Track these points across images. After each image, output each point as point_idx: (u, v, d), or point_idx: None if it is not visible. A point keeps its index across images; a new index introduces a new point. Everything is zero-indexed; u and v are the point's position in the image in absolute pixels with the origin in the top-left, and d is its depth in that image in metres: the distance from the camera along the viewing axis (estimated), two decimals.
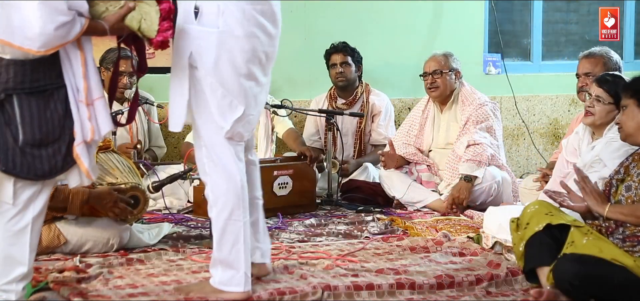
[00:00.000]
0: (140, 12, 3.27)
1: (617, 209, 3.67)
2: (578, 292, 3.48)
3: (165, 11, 3.29)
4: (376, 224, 5.05)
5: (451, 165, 5.62)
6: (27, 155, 3.16)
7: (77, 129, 3.21)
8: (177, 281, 3.77)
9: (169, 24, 3.31)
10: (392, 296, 3.71)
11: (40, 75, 3.15)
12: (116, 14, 3.24)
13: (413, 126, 5.89)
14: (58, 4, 3.05)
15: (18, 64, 3.11)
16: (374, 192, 5.79)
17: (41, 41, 3.04)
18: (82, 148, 3.22)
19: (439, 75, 5.73)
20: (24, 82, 3.13)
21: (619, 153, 4.10)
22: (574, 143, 4.57)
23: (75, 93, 3.21)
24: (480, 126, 5.59)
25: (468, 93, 5.73)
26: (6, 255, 3.24)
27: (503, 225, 4.22)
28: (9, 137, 3.13)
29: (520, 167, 7.30)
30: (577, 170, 3.83)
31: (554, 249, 3.63)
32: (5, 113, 3.13)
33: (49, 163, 3.20)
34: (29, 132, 3.14)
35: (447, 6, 7.07)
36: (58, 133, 3.19)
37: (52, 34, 3.04)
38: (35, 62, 3.13)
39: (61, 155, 3.21)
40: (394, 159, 5.76)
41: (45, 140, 3.17)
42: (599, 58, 5.19)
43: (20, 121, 3.13)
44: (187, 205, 5.57)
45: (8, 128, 3.13)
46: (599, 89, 4.34)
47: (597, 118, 4.35)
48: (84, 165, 3.22)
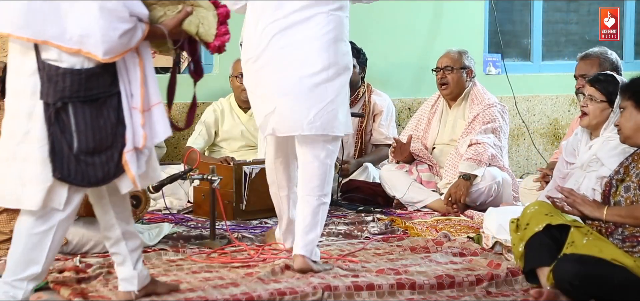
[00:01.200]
0: (198, 17, 3.29)
1: (615, 211, 3.67)
2: (578, 292, 3.48)
3: (222, 15, 3.32)
4: (376, 224, 5.05)
5: (452, 163, 5.62)
6: (82, 162, 3.18)
7: (128, 136, 3.22)
8: (177, 281, 3.77)
9: (226, 29, 3.33)
10: (392, 296, 3.71)
11: (94, 84, 3.17)
12: (175, 18, 3.26)
13: (421, 120, 5.91)
14: (120, 11, 3.09)
15: (74, 73, 3.13)
16: (374, 192, 5.79)
17: (104, 49, 3.09)
18: (131, 155, 3.23)
19: (449, 71, 5.74)
20: (79, 91, 3.14)
21: (616, 152, 4.12)
22: (573, 144, 4.58)
23: (129, 99, 3.23)
24: (486, 126, 5.59)
25: (478, 93, 5.75)
26: (24, 253, 3.25)
27: (503, 225, 4.22)
28: (64, 144, 3.15)
29: (520, 167, 7.30)
30: (561, 189, 3.85)
31: (553, 249, 3.63)
32: (61, 121, 3.15)
33: (103, 170, 3.21)
34: (84, 139, 3.16)
35: (447, 6, 7.06)
36: (111, 141, 3.20)
37: (116, 41, 3.09)
38: (90, 71, 3.15)
39: (114, 162, 3.22)
40: (405, 152, 5.77)
41: (99, 148, 3.18)
42: (595, 59, 5.22)
43: (75, 129, 3.15)
44: (187, 205, 5.57)
45: (63, 136, 3.15)
46: (591, 88, 4.37)
47: (591, 118, 4.37)
48: (131, 172, 3.22)
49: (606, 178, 3.88)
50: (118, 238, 3.42)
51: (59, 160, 3.15)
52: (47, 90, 3.12)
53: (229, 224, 4.81)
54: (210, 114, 5.95)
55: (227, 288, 3.66)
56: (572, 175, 4.42)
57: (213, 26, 3.31)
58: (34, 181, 3.15)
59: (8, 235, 4.15)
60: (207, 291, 3.61)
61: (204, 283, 3.74)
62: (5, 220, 4.17)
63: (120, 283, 3.48)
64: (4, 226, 4.16)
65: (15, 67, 3.21)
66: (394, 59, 6.93)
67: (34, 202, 3.16)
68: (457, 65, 5.75)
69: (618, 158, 4.02)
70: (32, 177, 3.16)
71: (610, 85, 4.30)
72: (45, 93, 3.13)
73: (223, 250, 4.36)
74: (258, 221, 5.15)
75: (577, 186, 4.30)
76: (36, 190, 3.15)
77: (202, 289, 3.65)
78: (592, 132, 4.44)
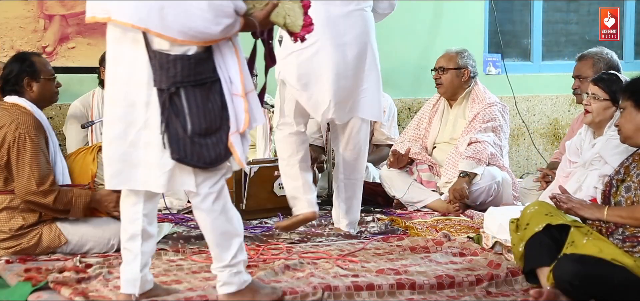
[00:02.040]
0: (284, 8, 3.44)
1: (616, 212, 3.67)
2: (578, 292, 3.48)
3: (306, 7, 3.49)
4: (376, 224, 5.05)
5: (452, 162, 5.63)
6: (196, 144, 3.30)
7: (232, 120, 3.35)
8: (177, 281, 3.77)
9: (310, 19, 3.50)
10: (392, 296, 3.71)
11: (202, 69, 3.32)
12: (264, 10, 3.40)
13: (423, 119, 5.92)
14: (225, 6, 3.25)
15: (184, 59, 3.28)
16: (374, 192, 5.79)
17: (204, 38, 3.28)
18: (235, 137, 3.36)
19: (443, 72, 5.76)
20: (189, 75, 3.29)
21: (619, 150, 4.13)
22: (577, 144, 4.60)
23: (229, 85, 3.36)
24: (486, 125, 5.60)
25: (479, 92, 5.76)
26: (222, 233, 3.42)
27: (503, 225, 4.22)
28: (178, 127, 3.29)
29: (520, 167, 7.30)
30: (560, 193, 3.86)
31: (553, 249, 3.63)
32: (174, 105, 3.29)
33: (215, 151, 3.33)
34: (196, 121, 3.29)
35: (447, 6, 7.07)
36: (219, 123, 3.34)
37: (217, 35, 3.27)
38: (198, 56, 3.30)
39: (223, 144, 3.35)
40: (402, 162, 5.78)
41: (209, 130, 3.31)
42: (589, 59, 5.27)
43: (188, 112, 3.29)
44: (187, 205, 5.56)
45: (178, 119, 3.29)
46: (595, 87, 4.42)
47: (595, 116, 4.41)
48: (237, 153, 3.36)
49: (607, 177, 3.89)
50: (136, 233, 3.45)
51: (175, 142, 3.29)
52: (160, 77, 3.28)
53: None
54: None
55: None
56: (574, 173, 4.43)
57: (299, 17, 3.47)
58: (157, 165, 3.33)
59: (8, 234, 4.16)
60: (207, 291, 3.61)
61: (204, 283, 3.74)
62: (4, 218, 4.17)
63: (123, 283, 3.48)
64: (3, 225, 4.17)
65: (129, 59, 3.33)
66: (394, 59, 6.92)
67: (160, 184, 3.36)
68: (450, 66, 5.76)
69: (621, 156, 4.03)
70: (155, 161, 3.32)
71: (613, 84, 4.36)
72: (158, 80, 3.28)
73: None
74: (258, 221, 5.15)
75: (579, 184, 4.31)
76: (160, 173, 3.33)
77: (202, 289, 3.65)
78: (596, 130, 4.46)
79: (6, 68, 4.34)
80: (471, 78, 5.81)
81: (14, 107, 4.24)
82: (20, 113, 4.20)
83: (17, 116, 4.18)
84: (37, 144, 4.14)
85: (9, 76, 4.28)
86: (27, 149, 4.12)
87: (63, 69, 5.93)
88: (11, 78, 4.28)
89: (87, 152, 4.50)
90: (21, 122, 4.16)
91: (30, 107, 4.25)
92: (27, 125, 4.16)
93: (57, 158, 4.29)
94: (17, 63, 4.31)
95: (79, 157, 4.48)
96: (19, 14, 5.94)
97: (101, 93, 5.78)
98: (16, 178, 4.13)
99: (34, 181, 4.10)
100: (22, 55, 4.44)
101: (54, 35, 6.03)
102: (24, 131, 4.14)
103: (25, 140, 4.13)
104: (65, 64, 6.04)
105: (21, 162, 4.12)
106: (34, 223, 4.19)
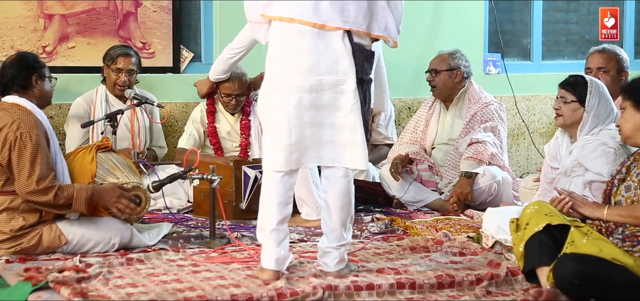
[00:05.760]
0: None
1: (616, 211, 3.68)
2: (578, 292, 3.48)
3: None
4: (376, 224, 5.05)
5: (453, 163, 5.63)
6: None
7: None
8: (177, 281, 3.77)
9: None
10: (392, 296, 3.72)
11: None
12: None
13: (420, 122, 5.92)
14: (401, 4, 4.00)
15: (373, 54, 3.91)
16: (374, 191, 5.79)
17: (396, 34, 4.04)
18: None
19: (435, 73, 5.78)
20: (371, 68, 3.88)
21: (596, 154, 4.18)
22: (555, 148, 4.63)
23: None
24: (484, 125, 5.61)
25: (474, 92, 5.76)
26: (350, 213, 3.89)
27: (502, 226, 4.23)
28: (365, 112, 3.82)
29: (520, 167, 7.30)
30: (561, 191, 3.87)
31: (553, 249, 3.64)
32: (362, 93, 3.81)
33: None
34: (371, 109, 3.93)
35: (447, 6, 7.06)
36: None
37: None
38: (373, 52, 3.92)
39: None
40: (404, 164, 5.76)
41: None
42: (613, 54, 5.34)
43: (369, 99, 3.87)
44: (187, 205, 5.57)
45: (363, 106, 3.81)
46: (562, 90, 4.48)
47: (565, 118, 4.45)
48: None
49: (595, 182, 3.92)
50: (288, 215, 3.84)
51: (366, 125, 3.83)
52: (363, 68, 3.80)
53: (228, 224, 4.81)
54: (197, 114, 5.89)
55: (228, 289, 3.65)
56: (558, 182, 4.45)
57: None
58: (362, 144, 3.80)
59: (8, 234, 4.16)
60: (207, 291, 3.61)
61: (204, 283, 3.74)
62: (5, 219, 4.17)
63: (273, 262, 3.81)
64: (4, 226, 4.17)
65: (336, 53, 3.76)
66: (393, 58, 6.91)
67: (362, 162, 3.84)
68: (442, 67, 5.77)
69: (600, 160, 4.12)
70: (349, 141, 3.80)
71: (579, 86, 4.41)
72: (360, 70, 3.79)
73: (223, 250, 4.36)
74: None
75: None
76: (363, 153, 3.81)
77: (202, 289, 3.66)
78: (570, 133, 4.49)
79: (13, 66, 4.33)
80: (465, 78, 5.81)
81: (14, 107, 4.23)
82: (21, 113, 4.19)
83: (18, 116, 4.17)
84: (37, 143, 4.14)
85: (18, 73, 4.28)
86: (28, 148, 4.12)
87: (63, 68, 5.94)
88: (21, 74, 4.28)
89: (86, 152, 4.47)
90: (22, 121, 4.15)
91: (30, 107, 4.25)
92: (28, 124, 4.16)
93: (58, 159, 4.28)
94: (24, 60, 4.32)
95: (78, 156, 4.46)
96: (18, 13, 5.94)
97: (104, 91, 5.78)
98: (17, 177, 4.13)
99: (34, 179, 4.09)
100: (28, 53, 4.46)
101: (54, 34, 6.03)
102: (25, 130, 4.14)
103: (26, 140, 4.13)
104: (65, 64, 6.03)
105: (22, 161, 4.11)
106: (35, 223, 4.19)
